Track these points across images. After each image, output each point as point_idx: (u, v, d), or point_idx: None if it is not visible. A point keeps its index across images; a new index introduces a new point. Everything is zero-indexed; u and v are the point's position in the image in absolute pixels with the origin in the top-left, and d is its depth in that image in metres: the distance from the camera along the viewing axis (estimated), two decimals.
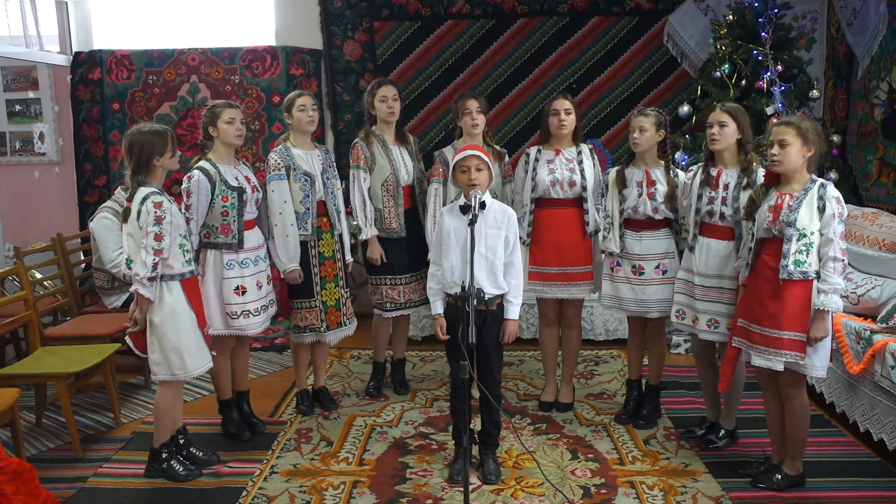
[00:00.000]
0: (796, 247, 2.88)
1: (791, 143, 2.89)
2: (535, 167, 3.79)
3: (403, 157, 4.07)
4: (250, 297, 3.51)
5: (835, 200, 2.87)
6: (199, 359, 3.22)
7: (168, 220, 3.05)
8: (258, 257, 3.58)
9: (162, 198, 3.07)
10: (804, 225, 2.87)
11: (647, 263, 3.65)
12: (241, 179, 3.50)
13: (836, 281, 2.86)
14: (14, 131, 6.09)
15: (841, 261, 2.86)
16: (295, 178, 3.73)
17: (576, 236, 3.80)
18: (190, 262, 3.21)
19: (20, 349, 4.76)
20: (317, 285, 3.84)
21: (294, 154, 3.77)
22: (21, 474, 2.60)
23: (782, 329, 2.91)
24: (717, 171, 3.34)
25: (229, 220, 3.44)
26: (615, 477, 3.28)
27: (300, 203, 3.74)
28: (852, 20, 4.98)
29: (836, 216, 2.85)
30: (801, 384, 3.02)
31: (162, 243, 3.03)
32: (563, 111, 3.73)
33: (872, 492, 3.12)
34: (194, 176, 3.38)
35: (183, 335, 3.15)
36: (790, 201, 2.92)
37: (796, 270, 2.88)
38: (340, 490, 3.19)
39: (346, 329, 3.98)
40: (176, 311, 3.13)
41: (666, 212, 3.60)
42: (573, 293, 3.85)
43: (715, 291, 3.34)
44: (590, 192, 3.77)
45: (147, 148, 3.08)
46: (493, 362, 3.26)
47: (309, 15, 5.79)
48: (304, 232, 3.76)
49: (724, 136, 3.28)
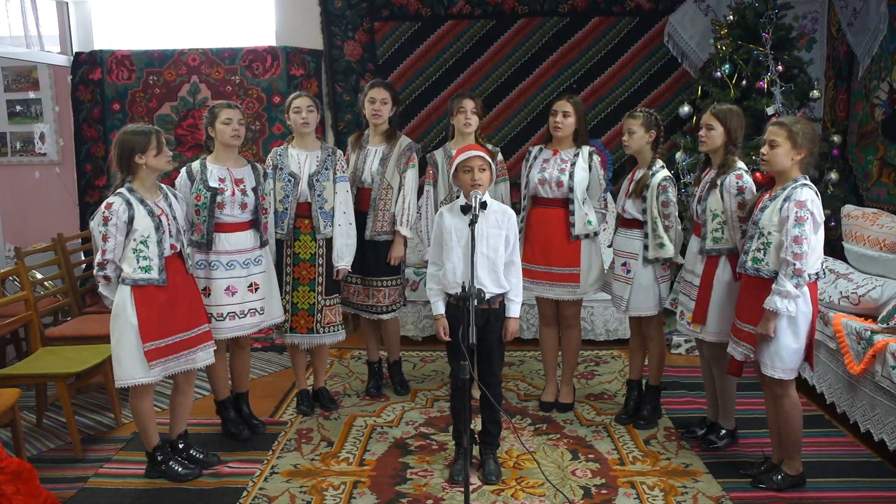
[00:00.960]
0: (755, 245, 2.97)
1: (780, 144, 2.92)
2: (532, 165, 3.84)
3: (374, 159, 4.00)
4: (215, 300, 3.45)
5: (795, 203, 2.84)
6: (129, 370, 3.06)
7: (113, 221, 2.98)
8: (249, 261, 3.52)
9: (115, 199, 3.01)
10: (764, 224, 2.94)
11: (617, 259, 3.75)
12: (227, 181, 3.46)
13: (783, 284, 2.84)
14: (15, 131, 6.09)
15: (792, 264, 2.82)
16: (279, 177, 3.74)
17: (560, 237, 3.79)
18: (148, 270, 3.04)
19: (21, 349, 4.77)
20: (288, 285, 3.83)
21: (289, 154, 3.78)
22: (21, 474, 2.60)
23: (741, 320, 3.06)
24: (705, 172, 3.41)
25: (201, 220, 3.43)
26: (616, 477, 3.28)
27: (280, 202, 3.75)
28: (853, 20, 4.98)
29: (794, 219, 2.83)
30: (787, 385, 3.03)
31: (107, 244, 3.00)
32: (560, 113, 3.74)
33: (873, 492, 3.12)
34: (179, 174, 3.45)
35: (117, 342, 3.07)
36: (766, 200, 2.97)
37: (751, 267, 2.99)
38: (341, 490, 3.19)
39: (321, 337, 3.86)
40: (117, 314, 3.07)
41: (631, 212, 3.62)
42: (557, 294, 3.85)
43: (689, 286, 3.44)
44: (577, 195, 3.74)
45: (128, 145, 3.04)
46: (495, 361, 3.26)
47: (309, 15, 5.79)
48: (279, 231, 3.76)
49: (710, 138, 3.31)
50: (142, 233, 3.03)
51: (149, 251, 3.05)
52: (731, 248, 3.25)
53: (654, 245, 3.57)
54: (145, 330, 3.04)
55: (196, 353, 3.22)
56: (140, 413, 3.21)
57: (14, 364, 4.28)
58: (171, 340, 3.13)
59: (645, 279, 3.62)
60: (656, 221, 3.54)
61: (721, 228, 3.25)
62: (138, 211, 3.03)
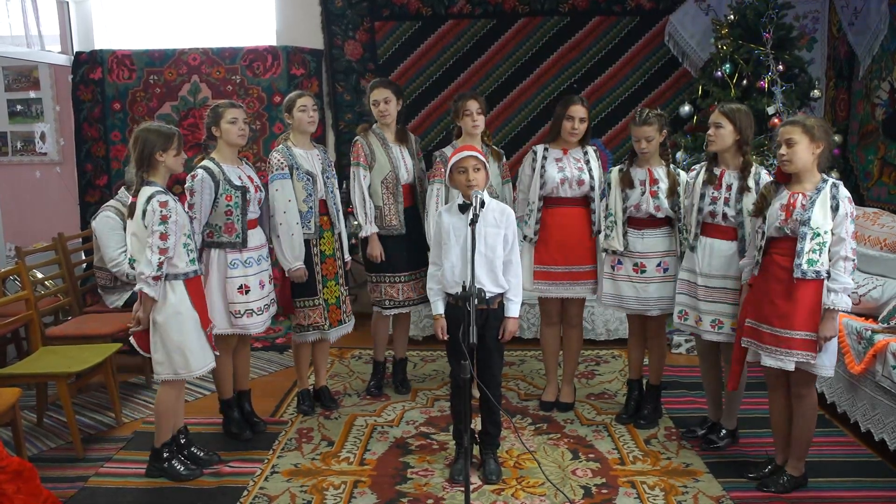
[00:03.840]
0: (810, 246, 2.87)
1: (798, 141, 2.89)
2: (544, 165, 3.78)
3: (403, 156, 4.08)
4: (253, 296, 3.52)
5: (847, 200, 2.88)
6: (201, 358, 3.22)
7: (173, 219, 3.05)
8: (260, 257, 3.59)
9: (167, 197, 3.06)
10: (818, 224, 2.87)
11: (649, 261, 3.64)
12: (244, 179, 3.50)
13: (846, 280, 2.86)
14: (15, 131, 6.08)
15: (852, 260, 2.86)
16: (298, 177, 3.73)
17: (582, 235, 3.80)
18: (193, 262, 3.20)
19: (21, 349, 4.76)
20: (319, 283, 3.85)
21: (296, 153, 3.77)
22: (22, 474, 2.60)
23: (794, 329, 2.90)
24: (720, 171, 3.34)
25: (233, 220, 3.44)
26: (616, 477, 3.28)
27: (303, 202, 3.75)
28: (853, 20, 4.98)
29: (849, 216, 2.86)
30: (811, 384, 3.02)
31: (167, 242, 3.03)
32: (577, 119, 3.73)
33: (873, 492, 3.12)
34: (198, 175, 3.38)
35: (186, 335, 3.15)
36: (803, 200, 2.91)
37: (810, 269, 2.87)
38: (341, 490, 3.19)
39: (345, 327, 3.99)
40: (179, 310, 3.13)
41: (668, 210, 3.59)
42: (577, 292, 3.85)
43: (719, 292, 3.34)
44: (597, 192, 3.78)
45: (150, 142, 3.08)
46: (495, 361, 3.26)
47: (310, 15, 5.78)
48: (307, 231, 3.77)
49: (719, 137, 3.28)
50: (186, 228, 3.17)
51: (192, 243, 3.21)
52: None
53: (682, 239, 3.56)
54: (204, 316, 3.24)
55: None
56: (170, 407, 3.28)
57: (14, 363, 4.28)
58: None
59: (675, 274, 3.60)
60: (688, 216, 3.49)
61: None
62: (179, 206, 3.15)
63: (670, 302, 3.59)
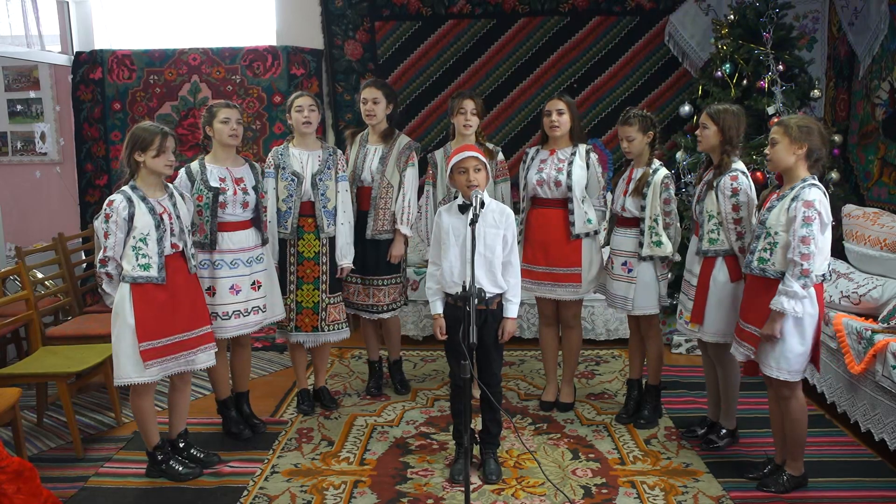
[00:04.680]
0: (762, 244, 2.95)
1: (779, 141, 2.93)
2: (529, 166, 3.85)
3: (374, 158, 4.00)
4: (220, 299, 3.46)
5: (803, 203, 2.81)
6: (126, 369, 3.05)
7: (114, 218, 2.99)
8: (251, 258, 3.53)
9: (117, 196, 3.03)
10: (771, 224, 2.92)
11: (617, 259, 3.73)
12: (228, 180, 3.47)
13: (791, 284, 2.81)
14: (15, 131, 6.08)
15: (800, 265, 2.79)
16: (282, 176, 3.74)
17: (560, 236, 3.79)
18: (147, 268, 3.03)
19: (21, 349, 4.76)
20: (292, 283, 3.83)
21: (290, 153, 3.78)
22: (22, 474, 2.60)
23: (746, 321, 3.04)
24: (707, 172, 3.41)
25: (203, 220, 3.43)
26: (616, 477, 3.28)
27: (283, 201, 3.75)
28: (853, 20, 4.98)
29: (801, 219, 2.80)
30: (794, 386, 3.02)
31: (108, 241, 3.01)
32: (555, 112, 3.74)
33: (873, 492, 3.12)
34: (179, 175, 3.42)
35: (118, 340, 3.07)
36: (773, 200, 2.96)
37: (757, 267, 2.96)
38: (341, 490, 3.19)
39: (326, 335, 3.88)
40: (116, 312, 3.07)
41: (632, 210, 3.61)
42: (559, 294, 3.85)
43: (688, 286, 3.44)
44: (576, 194, 3.74)
45: (131, 141, 3.07)
46: (494, 361, 3.26)
47: (310, 15, 5.78)
48: (283, 230, 3.76)
49: (704, 137, 3.33)
50: (141, 230, 3.03)
51: (148, 249, 3.04)
52: (727, 250, 3.26)
53: (648, 243, 3.57)
54: (142, 329, 3.03)
55: (196, 355, 3.22)
56: (140, 412, 3.22)
57: (14, 363, 4.27)
58: (170, 341, 3.11)
59: (647, 277, 3.62)
60: (656, 219, 3.54)
61: (717, 230, 3.26)
62: (139, 208, 3.04)
63: (632, 304, 3.65)
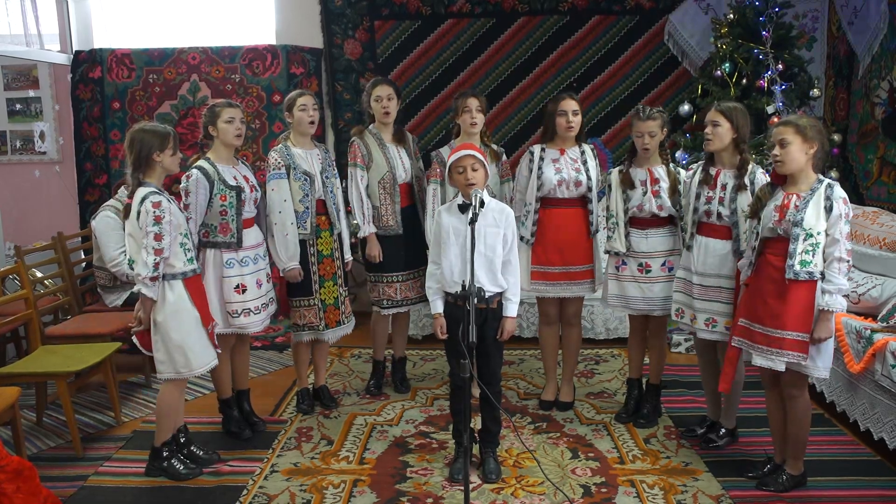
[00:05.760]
0: (802, 247, 2.86)
1: (791, 141, 2.88)
2: (541, 166, 3.77)
3: (401, 155, 4.07)
4: (250, 295, 3.52)
5: (842, 201, 2.86)
6: (203, 357, 3.23)
7: (167, 219, 3.05)
8: (257, 255, 3.59)
9: (161, 197, 3.06)
10: (811, 225, 2.86)
11: (654, 261, 3.64)
12: (239, 179, 3.50)
13: (841, 282, 2.84)
14: (14, 130, 6.08)
15: (846, 261, 2.85)
16: (294, 177, 3.73)
17: (579, 235, 3.80)
18: (192, 261, 3.20)
19: (21, 348, 4.76)
20: (315, 283, 3.85)
21: (294, 153, 3.77)
22: (21, 473, 2.60)
23: (785, 329, 2.90)
24: (716, 171, 3.35)
25: (228, 220, 3.44)
26: (615, 476, 3.28)
27: (299, 202, 3.74)
28: (853, 19, 4.98)
29: (843, 217, 2.84)
30: (803, 385, 3.01)
31: (162, 243, 3.03)
32: (570, 112, 3.72)
33: (872, 490, 3.12)
34: (193, 175, 3.38)
35: (186, 334, 3.16)
36: (797, 201, 2.90)
37: (802, 270, 2.86)
38: (341, 489, 3.19)
39: (344, 328, 3.98)
40: (179, 309, 3.14)
41: (670, 208, 3.59)
42: (575, 291, 3.86)
43: (713, 290, 3.34)
44: (594, 192, 3.78)
45: (147, 143, 3.09)
46: (494, 360, 3.26)
47: (309, 14, 5.78)
48: (303, 231, 3.77)
49: (717, 135, 3.28)
50: (182, 228, 3.16)
51: (189, 242, 3.21)
52: None
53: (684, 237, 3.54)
54: (205, 315, 3.24)
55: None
56: (172, 406, 3.28)
57: (14, 362, 4.27)
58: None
59: None
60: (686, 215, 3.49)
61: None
62: (173, 206, 3.14)
63: (671, 302, 3.59)
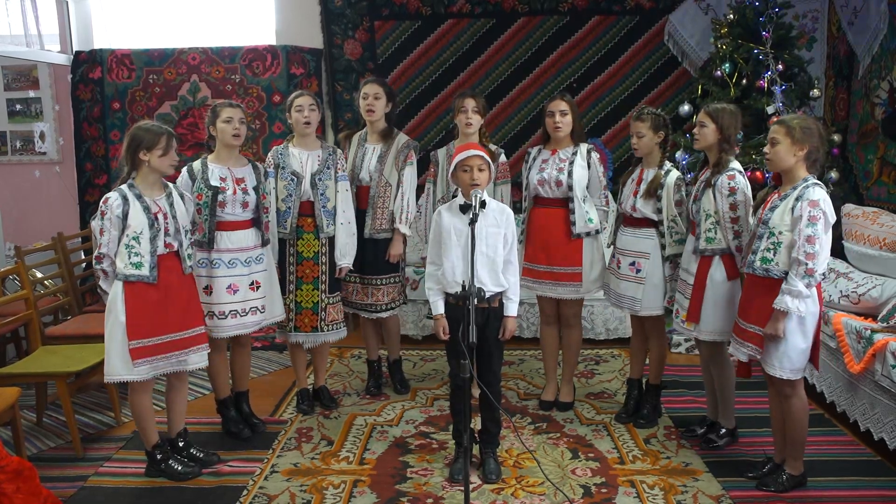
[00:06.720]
0: (765, 244, 2.94)
1: (780, 141, 2.92)
2: (531, 166, 3.86)
3: (373, 157, 4.00)
4: (217, 298, 3.46)
5: (808, 203, 2.82)
6: (117, 367, 3.06)
7: (108, 215, 3.01)
8: (250, 259, 3.53)
9: (113, 194, 3.04)
10: (774, 224, 2.91)
11: (624, 258, 3.71)
12: (228, 180, 3.48)
13: (795, 284, 2.81)
14: (14, 130, 6.08)
15: (804, 264, 2.79)
16: (282, 176, 3.74)
17: (561, 236, 3.80)
18: (139, 267, 3.04)
19: (21, 348, 4.77)
20: (291, 283, 3.83)
21: (288, 153, 3.79)
22: (21, 473, 2.60)
23: (748, 321, 3.02)
24: (703, 171, 3.41)
25: (203, 219, 3.44)
26: (615, 476, 3.28)
27: (282, 201, 3.75)
28: (853, 19, 4.98)
29: (807, 219, 2.80)
30: (796, 384, 3.02)
31: (102, 238, 3.03)
32: (558, 112, 3.74)
33: (872, 491, 3.12)
34: (181, 173, 3.44)
35: (109, 337, 3.07)
36: (775, 200, 2.95)
37: (760, 267, 2.95)
38: (341, 489, 3.19)
39: (325, 335, 3.88)
40: (109, 310, 3.08)
41: (643, 211, 3.60)
42: (560, 293, 3.85)
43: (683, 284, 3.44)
44: (577, 193, 3.75)
45: (136, 140, 3.07)
46: (495, 360, 3.26)
47: (309, 14, 5.79)
48: (282, 230, 3.76)
49: (702, 136, 3.33)
50: (135, 229, 3.04)
51: (140, 248, 3.05)
52: (724, 249, 3.25)
53: (671, 242, 3.57)
54: (132, 327, 3.03)
55: (188, 356, 3.21)
56: (138, 411, 3.22)
57: (14, 363, 4.28)
58: (160, 340, 3.11)
59: (656, 278, 3.62)
60: (674, 219, 3.54)
61: (714, 228, 3.25)
62: (133, 206, 3.05)
63: (641, 303, 3.63)
